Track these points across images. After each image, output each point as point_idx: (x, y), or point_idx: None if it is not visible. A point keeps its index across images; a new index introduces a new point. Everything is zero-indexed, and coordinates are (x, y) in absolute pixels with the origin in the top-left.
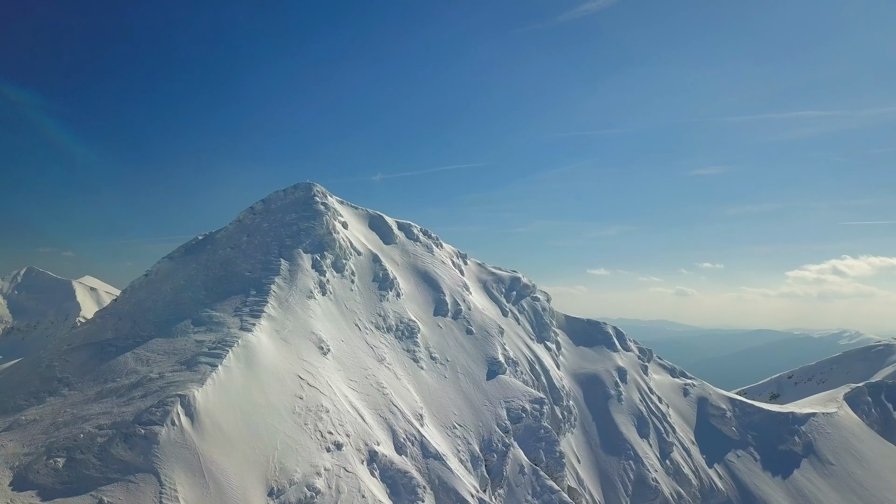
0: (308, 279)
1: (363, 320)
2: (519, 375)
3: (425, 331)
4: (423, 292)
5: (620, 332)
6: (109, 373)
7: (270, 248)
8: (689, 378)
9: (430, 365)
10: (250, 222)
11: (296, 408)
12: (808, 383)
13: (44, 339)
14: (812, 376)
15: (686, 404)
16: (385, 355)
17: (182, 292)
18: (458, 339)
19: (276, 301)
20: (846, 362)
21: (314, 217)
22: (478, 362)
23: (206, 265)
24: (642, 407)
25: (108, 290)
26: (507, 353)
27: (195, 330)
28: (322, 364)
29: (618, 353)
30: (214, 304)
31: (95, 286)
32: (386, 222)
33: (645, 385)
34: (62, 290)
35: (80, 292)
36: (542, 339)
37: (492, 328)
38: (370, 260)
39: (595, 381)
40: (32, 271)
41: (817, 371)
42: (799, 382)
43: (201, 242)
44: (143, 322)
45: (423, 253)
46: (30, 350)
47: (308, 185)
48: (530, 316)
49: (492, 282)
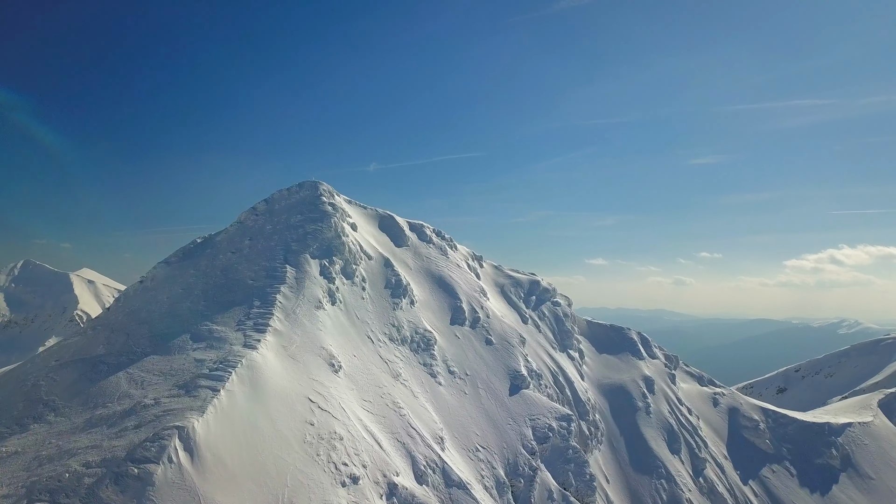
0: (316, 287)
1: (376, 332)
2: (543, 389)
3: (442, 342)
4: (438, 299)
5: (645, 337)
6: (100, 396)
7: (275, 252)
8: (718, 386)
9: (449, 380)
10: (252, 224)
11: (307, 436)
12: (815, 377)
13: (42, 332)
14: (820, 370)
15: (716, 415)
16: (400, 370)
17: (179, 302)
18: (478, 351)
19: (281, 313)
20: (855, 356)
21: (321, 219)
22: (499, 376)
23: (205, 272)
24: (672, 420)
25: (105, 283)
26: (530, 364)
27: (194, 346)
28: (333, 383)
29: (644, 361)
30: (215, 316)
31: (93, 279)
32: (397, 223)
33: (673, 395)
34: (60, 283)
35: (77, 285)
36: (565, 347)
37: (512, 337)
38: (381, 265)
39: (621, 392)
40: (30, 264)
41: (825, 364)
42: (807, 376)
43: (200, 246)
44: (137, 336)
45: (437, 256)
46: (27, 344)
47: (314, 184)
48: (551, 322)
49: (509, 286)
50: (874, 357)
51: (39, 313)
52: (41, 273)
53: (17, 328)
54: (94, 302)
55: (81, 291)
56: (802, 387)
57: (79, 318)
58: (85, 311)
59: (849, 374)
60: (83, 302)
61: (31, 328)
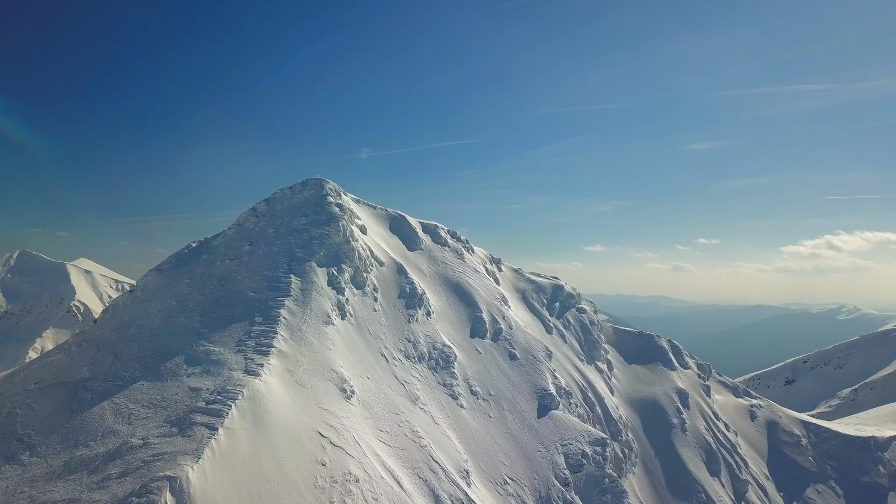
0: (324, 300)
1: (390, 348)
2: (573, 409)
3: (462, 358)
4: (455, 308)
5: (676, 345)
6: (82, 432)
7: (278, 260)
8: (755, 397)
9: (472, 402)
10: (252, 227)
11: (318, 479)
12: (824, 368)
13: (39, 322)
14: (828, 361)
15: (754, 430)
16: (418, 393)
17: (173, 317)
18: (501, 367)
19: (286, 331)
20: (864, 347)
21: (328, 221)
22: (525, 395)
23: (200, 281)
24: (709, 437)
25: (102, 273)
26: (558, 381)
27: (189, 371)
28: (346, 412)
29: (675, 372)
30: (212, 334)
31: (90, 268)
32: (409, 224)
33: (709, 409)
34: (56, 273)
35: (74, 275)
36: (592, 359)
37: (538, 350)
38: (394, 271)
39: (654, 407)
40: (26, 254)
41: (833, 355)
42: (815, 367)
43: (195, 251)
44: (125, 356)
45: (453, 260)
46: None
47: (319, 182)
48: (577, 332)
49: (531, 291)
50: (884, 348)
51: (36, 304)
52: (37, 263)
53: (14, 319)
54: (91, 293)
55: (78, 282)
56: (811, 378)
57: (76, 309)
58: (82, 301)
59: (858, 365)
60: (80, 293)
61: (28, 319)
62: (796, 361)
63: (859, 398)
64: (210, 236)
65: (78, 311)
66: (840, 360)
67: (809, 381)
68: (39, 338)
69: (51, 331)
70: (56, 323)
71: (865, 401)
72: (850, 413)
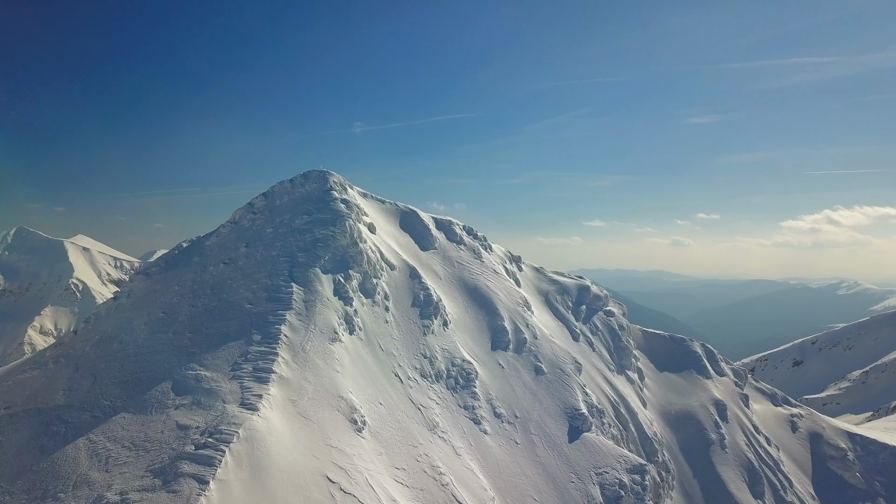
0: (330, 313)
1: (405, 366)
2: (606, 429)
3: (484, 374)
4: (474, 316)
5: (710, 349)
6: (52, 478)
7: (277, 265)
8: (794, 405)
9: (496, 426)
10: (249, 225)
11: None
12: (833, 349)
13: (37, 300)
14: (838, 342)
15: (796, 442)
16: (437, 419)
17: (160, 332)
18: (527, 384)
19: (288, 351)
20: (874, 328)
21: (333, 221)
22: (554, 416)
23: (192, 289)
24: (750, 454)
25: (101, 251)
26: (589, 398)
27: (177, 402)
28: (357, 448)
29: (711, 381)
30: (203, 355)
31: (88, 245)
32: (421, 220)
33: (749, 422)
34: (54, 250)
35: (72, 253)
36: (623, 368)
37: (566, 363)
38: (406, 275)
39: (690, 421)
40: (23, 231)
41: (843, 337)
42: (824, 348)
43: (186, 252)
44: (106, 379)
45: (470, 260)
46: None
47: (322, 175)
48: (605, 338)
49: (554, 293)
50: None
51: (34, 282)
52: (35, 240)
53: (13, 297)
54: (89, 270)
55: (76, 259)
56: (820, 360)
57: (74, 287)
58: (80, 279)
59: (868, 346)
60: (78, 270)
61: (27, 297)
62: (804, 342)
63: (870, 381)
64: (202, 235)
65: (76, 289)
66: (850, 341)
67: (818, 363)
68: (38, 316)
69: (49, 309)
70: (55, 301)
71: (876, 384)
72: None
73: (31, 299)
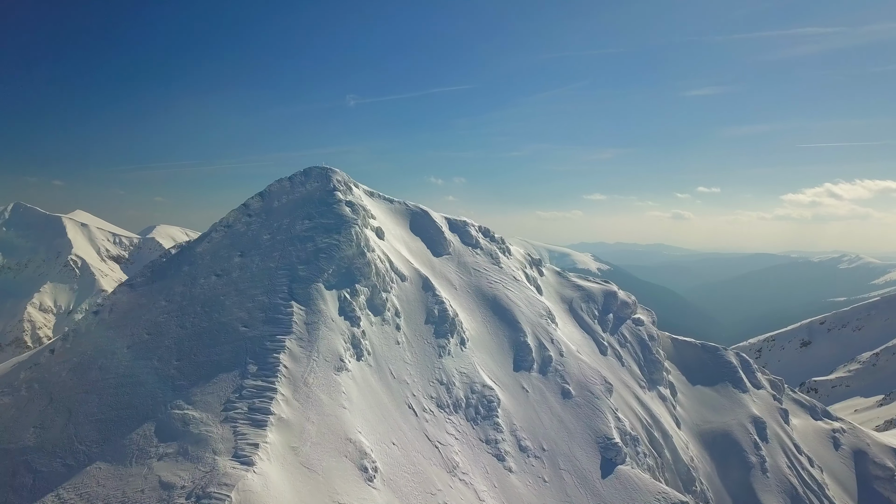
0: (335, 337)
1: (419, 395)
2: (641, 460)
3: (507, 401)
4: (494, 332)
5: (745, 359)
6: None
7: (275, 280)
8: (835, 419)
9: (522, 462)
10: (244, 229)
11: None
12: (842, 330)
13: (36, 277)
14: (846, 322)
15: (839, 461)
16: (457, 457)
17: (144, 359)
18: (554, 410)
19: (289, 386)
20: (884, 308)
21: (337, 227)
22: (585, 446)
23: (180, 305)
24: (794, 478)
25: (99, 226)
26: (622, 423)
27: (160, 450)
28: (369, 502)
29: (748, 395)
30: (191, 389)
31: (86, 221)
32: (434, 222)
33: (790, 441)
34: (52, 226)
35: (70, 229)
36: (654, 383)
37: (595, 383)
38: (419, 287)
39: (727, 442)
40: (20, 207)
41: (852, 317)
42: (833, 329)
43: (174, 260)
44: (81, 416)
45: (487, 266)
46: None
47: (323, 173)
48: (634, 350)
49: (579, 300)
50: None
51: (33, 258)
52: (33, 216)
53: (11, 273)
54: (87, 246)
55: (75, 235)
56: (828, 340)
57: (73, 264)
58: (79, 255)
59: (878, 327)
60: (77, 246)
61: (26, 273)
62: (812, 322)
63: (881, 363)
64: (193, 239)
65: (75, 266)
66: (859, 321)
67: (826, 344)
68: (38, 293)
69: (49, 285)
70: (54, 277)
71: (887, 366)
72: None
73: (29, 276)
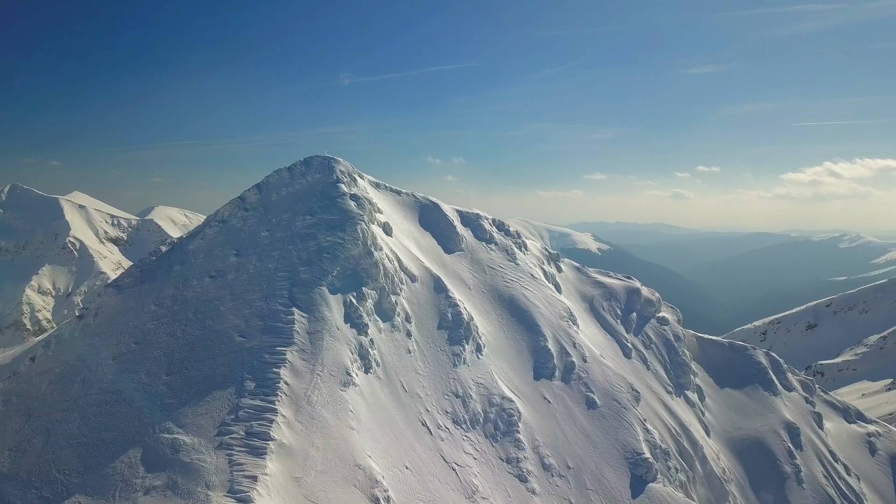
0: (341, 347)
1: (433, 410)
2: (673, 475)
3: (528, 414)
4: (512, 336)
5: (775, 358)
6: None
7: (274, 283)
8: (869, 421)
9: (545, 482)
10: (240, 225)
11: None
12: (848, 313)
13: (34, 260)
14: (853, 305)
15: (875, 468)
16: (476, 480)
17: (131, 372)
18: (578, 422)
19: (290, 406)
20: (891, 291)
21: (342, 224)
22: (613, 463)
23: (171, 310)
24: (831, 489)
25: (97, 208)
26: (651, 435)
27: (147, 481)
28: None
29: (779, 398)
30: (182, 409)
31: (84, 203)
32: (445, 216)
33: (825, 448)
34: (49, 208)
35: (68, 210)
36: (681, 388)
37: (621, 391)
38: (430, 288)
39: (759, 450)
40: (17, 188)
41: (859, 300)
42: (839, 311)
43: (165, 258)
44: (61, 438)
45: (503, 263)
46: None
47: (326, 163)
48: (660, 352)
49: (600, 299)
50: None
51: (30, 240)
52: (30, 198)
53: (9, 255)
54: (86, 228)
55: (73, 217)
56: (834, 323)
57: (71, 246)
58: (77, 237)
59: (886, 310)
60: (75, 228)
61: (23, 255)
62: (818, 305)
63: (888, 346)
64: (185, 235)
65: (73, 248)
66: (866, 304)
67: (833, 326)
68: (36, 275)
69: (47, 268)
70: (52, 260)
71: (895, 350)
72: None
73: (27, 258)
